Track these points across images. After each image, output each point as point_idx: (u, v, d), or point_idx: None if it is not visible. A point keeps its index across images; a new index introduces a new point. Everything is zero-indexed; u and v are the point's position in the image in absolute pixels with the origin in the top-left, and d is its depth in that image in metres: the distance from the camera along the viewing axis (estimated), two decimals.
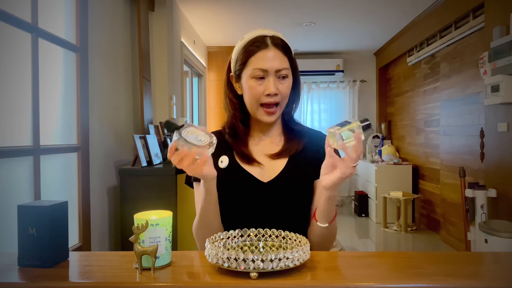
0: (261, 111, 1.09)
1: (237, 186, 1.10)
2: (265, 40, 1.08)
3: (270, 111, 1.08)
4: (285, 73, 1.08)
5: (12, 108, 1.88)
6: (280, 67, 1.07)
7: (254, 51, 1.08)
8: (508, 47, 2.73)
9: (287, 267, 0.77)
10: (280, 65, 1.07)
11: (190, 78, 5.24)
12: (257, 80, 1.07)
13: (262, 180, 1.10)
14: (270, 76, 1.07)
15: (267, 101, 1.07)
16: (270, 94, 1.06)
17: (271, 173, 1.11)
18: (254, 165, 1.11)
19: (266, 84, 1.07)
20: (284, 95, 1.09)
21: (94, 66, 2.56)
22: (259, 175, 1.11)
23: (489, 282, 0.78)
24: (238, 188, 1.10)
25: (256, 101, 1.08)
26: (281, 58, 1.08)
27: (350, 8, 4.27)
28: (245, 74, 1.09)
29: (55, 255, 0.87)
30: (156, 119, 3.52)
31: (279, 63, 1.07)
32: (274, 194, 1.09)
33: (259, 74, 1.07)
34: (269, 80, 1.06)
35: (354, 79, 6.62)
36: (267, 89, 1.06)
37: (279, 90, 1.07)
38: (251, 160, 1.12)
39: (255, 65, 1.07)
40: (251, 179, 1.10)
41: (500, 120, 2.98)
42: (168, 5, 3.65)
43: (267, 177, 1.10)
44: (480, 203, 2.91)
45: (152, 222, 0.83)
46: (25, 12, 1.94)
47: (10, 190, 1.86)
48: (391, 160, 5.44)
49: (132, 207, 2.59)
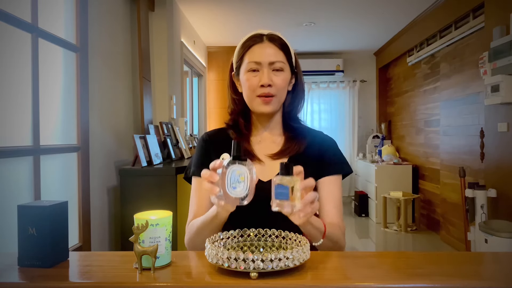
0: (258, 101, 1.11)
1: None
2: (261, 36, 1.13)
3: (266, 100, 1.10)
4: (279, 66, 1.11)
5: (12, 108, 1.87)
6: (274, 59, 1.10)
7: (250, 45, 1.12)
8: (508, 47, 2.73)
9: (287, 267, 0.77)
10: (274, 58, 1.10)
11: (190, 78, 5.24)
12: (252, 72, 1.11)
13: (262, 179, 1.10)
14: (264, 68, 1.10)
15: (261, 92, 1.10)
16: (264, 85, 1.09)
17: (270, 173, 1.11)
18: (255, 163, 1.12)
19: (260, 75, 1.10)
20: (279, 88, 1.11)
21: (94, 66, 2.55)
22: (259, 174, 1.11)
23: (489, 282, 0.78)
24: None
25: (252, 92, 1.11)
26: (275, 51, 1.11)
27: (350, 8, 4.27)
28: (242, 69, 1.13)
29: (55, 255, 0.87)
30: (156, 119, 3.52)
31: (273, 56, 1.10)
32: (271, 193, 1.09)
33: (253, 67, 1.11)
34: (263, 72, 1.10)
35: (354, 79, 6.62)
36: (261, 80, 1.09)
37: (273, 81, 1.10)
38: (252, 157, 1.13)
39: (250, 59, 1.11)
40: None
41: (500, 120, 2.98)
42: (168, 5, 3.65)
43: (267, 176, 1.11)
44: (480, 203, 2.91)
45: (152, 222, 0.83)
46: (25, 12, 1.94)
47: (10, 190, 1.86)
48: (391, 160, 5.43)
49: (132, 207, 2.60)
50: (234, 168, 0.82)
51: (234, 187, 0.82)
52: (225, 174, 0.82)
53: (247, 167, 0.83)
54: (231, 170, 0.82)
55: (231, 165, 0.82)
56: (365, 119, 6.69)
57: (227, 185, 0.82)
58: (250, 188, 0.83)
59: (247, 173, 0.83)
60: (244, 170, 0.83)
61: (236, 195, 0.83)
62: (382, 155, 5.62)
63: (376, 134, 6.31)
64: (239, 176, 0.82)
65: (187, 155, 3.68)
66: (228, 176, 0.82)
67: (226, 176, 0.82)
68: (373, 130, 6.59)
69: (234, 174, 0.82)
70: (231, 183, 0.82)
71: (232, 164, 0.83)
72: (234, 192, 0.82)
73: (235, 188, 0.82)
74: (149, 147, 2.87)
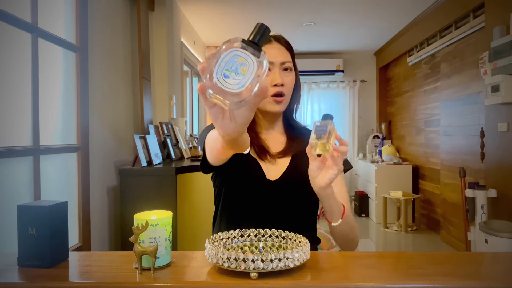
0: (270, 100, 1.11)
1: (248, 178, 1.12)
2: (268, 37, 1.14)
3: (278, 100, 1.11)
4: (289, 66, 1.13)
5: (12, 108, 1.87)
6: (284, 59, 1.12)
7: None
8: (508, 47, 2.73)
9: (287, 267, 0.77)
10: (284, 58, 1.12)
11: (190, 78, 5.24)
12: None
13: (270, 178, 1.12)
14: (275, 67, 1.11)
15: (275, 91, 1.10)
16: (277, 84, 1.10)
17: (278, 171, 1.13)
18: (266, 161, 1.13)
19: (272, 75, 1.10)
20: (289, 87, 1.13)
21: (94, 66, 2.55)
22: (267, 172, 1.13)
23: (489, 282, 0.78)
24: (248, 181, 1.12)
25: None
26: (284, 51, 1.13)
27: (350, 8, 4.27)
28: None
29: (55, 255, 0.87)
30: (156, 119, 3.52)
31: (283, 56, 1.12)
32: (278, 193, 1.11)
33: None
34: (275, 72, 1.11)
35: (354, 79, 6.62)
36: (274, 80, 1.10)
37: (284, 81, 1.11)
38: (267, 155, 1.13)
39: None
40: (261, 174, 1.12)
41: (500, 120, 2.97)
42: (168, 5, 3.65)
43: (274, 175, 1.13)
44: (480, 203, 2.91)
45: (152, 222, 0.83)
46: (25, 12, 1.94)
47: (10, 190, 1.86)
48: (391, 160, 5.43)
49: (132, 207, 2.60)
50: (237, 53, 0.58)
51: (226, 75, 0.57)
52: (221, 54, 0.58)
53: (257, 59, 0.59)
54: (232, 53, 0.58)
55: (236, 48, 0.58)
56: (365, 119, 6.68)
57: (217, 68, 0.57)
58: (249, 87, 0.57)
59: (253, 67, 0.58)
60: (251, 61, 0.58)
61: (223, 85, 0.57)
62: (382, 155, 5.62)
63: (376, 134, 6.31)
64: (240, 66, 0.58)
65: (187, 155, 3.67)
66: (224, 58, 0.58)
67: (220, 57, 0.58)
68: (373, 130, 6.59)
69: (234, 60, 0.58)
70: (223, 68, 0.57)
71: (238, 47, 0.59)
72: (222, 81, 0.57)
73: (227, 77, 0.57)
74: (149, 147, 2.87)
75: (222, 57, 0.57)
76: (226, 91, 0.57)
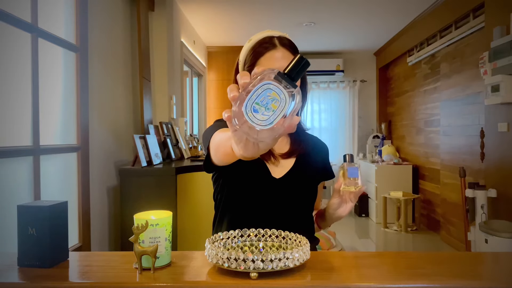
0: None
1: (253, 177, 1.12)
2: (273, 41, 1.09)
3: None
4: None
5: (12, 108, 1.87)
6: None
7: (263, 52, 1.09)
8: (509, 47, 2.73)
9: (287, 267, 0.77)
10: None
11: (190, 78, 5.24)
12: None
13: (275, 176, 1.13)
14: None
15: None
16: None
17: (282, 171, 1.14)
18: (271, 162, 1.14)
19: None
20: None
21: (94, 66, 2.55)
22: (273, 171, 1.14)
23: (489, 282, 0.78)
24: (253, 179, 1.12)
25: None
26: (289, 58, 1.09)
27: (350, 8, 4.27)
28: None
29: (55, 255, 0.87)
30: (156, 119, 3.52)
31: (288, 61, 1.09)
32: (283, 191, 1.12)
33: None
34: None
35: (354, 79, 6.62)
36: None
37: None
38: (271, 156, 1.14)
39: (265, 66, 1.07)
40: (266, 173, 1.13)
41: (500, 120, 2.97)
42: (168, 5, 3.65)
43: (279, 173, 1.14)
44: (480, 203, 2.91)
45: (152, 222, 0.83)
46: (25, 12, 1.94)
47: (10, 190, 1.86)
48: (391, 160, 5.43)
49: (132, 207, 2.60)
50: (270, 87, 0.56)
51: (255, 109, 0.55)
52: (254, 86, 0.56)
53: (290, 96, 0.56)
54: (265, 85, 0.55)
55: (269, 80, 0.56)
56: (365, 119, 6.68)
57: (247, 101, 0.55)
58: (277, 124, 0.55)
59: (284, 104, 0.56)
60: (283, 97, 0.55)
61: (251, 120, 0.55)
62: (382, 155, 5.62)
63: (376, 134, 6.31)
64: (271, 101, 0.55)
65: (187, 155, 3.67)
66: (256, 91, 0.55)
67: (253, 89, 0.55)
68: (373, 130, 6.58)
69: (266, 94, 0.55)
70: (254, 101, 0.55)
71: (272, 80, 0.56)
72: (251, 116, 0.55)
73: (256, 111, 0.55)
74: (149, 147, 2.87)
75: (255, 89, 0.55)
76: (253, 126, 0.55)
